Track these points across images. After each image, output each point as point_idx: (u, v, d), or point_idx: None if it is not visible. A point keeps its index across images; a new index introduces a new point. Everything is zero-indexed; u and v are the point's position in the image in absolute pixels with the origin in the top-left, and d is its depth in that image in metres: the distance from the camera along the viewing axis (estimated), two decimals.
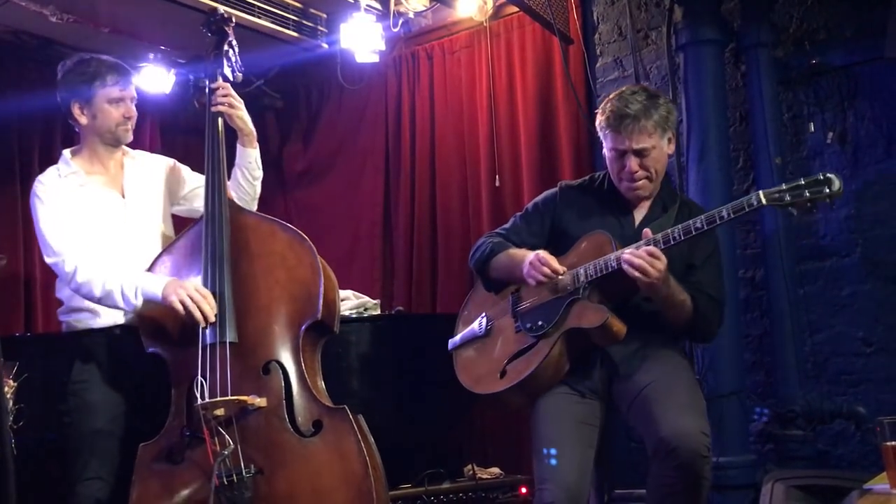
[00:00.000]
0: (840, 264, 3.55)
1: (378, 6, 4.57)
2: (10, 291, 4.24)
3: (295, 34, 4.47)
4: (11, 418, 2.44)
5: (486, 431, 4.18)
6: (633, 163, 2.47)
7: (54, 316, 4.38)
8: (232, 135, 2.88)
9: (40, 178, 2.78)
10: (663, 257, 2.27)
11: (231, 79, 2.86)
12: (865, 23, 3.49)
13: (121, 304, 2.57)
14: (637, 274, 2.27)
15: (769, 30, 3.65)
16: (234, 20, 2.92)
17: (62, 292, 2.79)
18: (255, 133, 2.88)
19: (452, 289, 4.38)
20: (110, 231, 2.75)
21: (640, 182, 2.51)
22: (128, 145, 2.91)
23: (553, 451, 2.38)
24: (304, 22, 4.51)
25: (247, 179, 2.90)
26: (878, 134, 3.49)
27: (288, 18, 4.40)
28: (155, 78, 4.48)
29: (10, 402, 2.46)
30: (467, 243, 4.40)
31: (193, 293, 2.48)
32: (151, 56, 4.57)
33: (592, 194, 2.65)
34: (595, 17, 4.23)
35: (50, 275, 4.39)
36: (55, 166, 2.82)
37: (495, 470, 3.72)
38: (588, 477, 2.39)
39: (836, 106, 3.58)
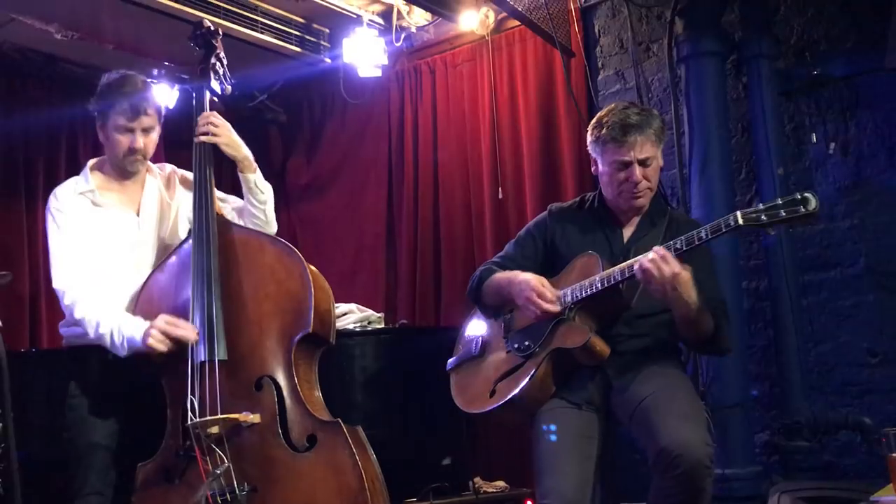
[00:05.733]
0: (844, 274, 3.55)
1: (380, 21, 4.61)
2: (15, 308, 4.25)
3: (298, 49, 4.50)
4: None
5: (491, 445, 4.17)
6: (638, 172, 2.51)
7: (59, 335, 4.42)
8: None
9: (56, 191, 2.76)
10: (674, 261, 2.26)
11: (219, 92, 2.83)
12: (866, 34, 3.51)
13: (111, 349, 2.56)
14: (646, 277, 2.27)
15: (770, 41, 3.66)
16: (221, 32, 2.87)
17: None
18: (249, 158, 2.80)
19: (456, 301, 4.38)
20: (121, 252, 2.73)
21: (643, 191, 2.54)
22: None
23: (553, 467, 2.38)
24: (307, 37, 4.54)
25: (253, 204, 2.84)
26: (879, 144, 3.50)
27: (291, 34, 4.44)
28: (159, 93, 4.49)
29: None
30: (470, 255, 4.42)
31: (165, 327, 2.47)
32: (156, 72, 4.59)
33: (583, 214, 2.69)
34: (596, 30, 4.25)
35: (54, 294, 4.43)
36: (74, 179, 2.80)
37: (500, 483, 3.71)
38: (589, 489, 2.39)
39: (837, 116, 3.59)
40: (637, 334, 2.51)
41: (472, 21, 4.36)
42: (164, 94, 4.49)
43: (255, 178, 2.82)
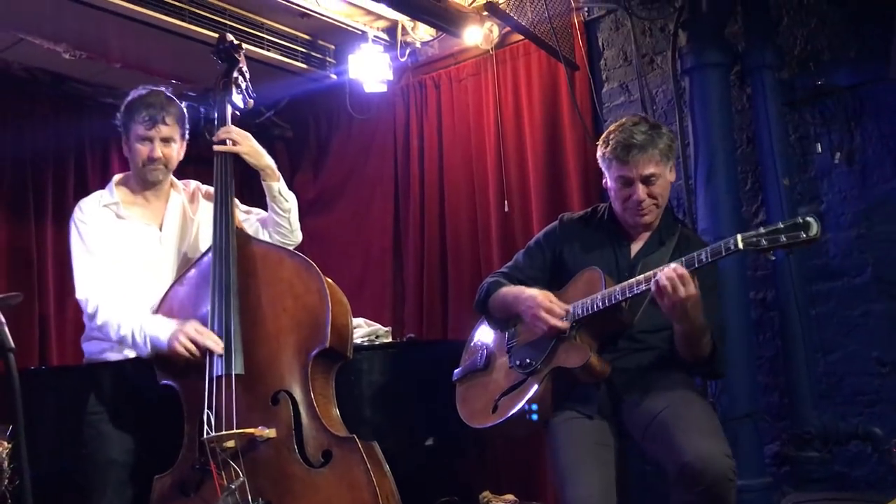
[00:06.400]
0: (851, 284, 3.54)
1: (385, 37, 4.64)
2: (24, 327, 4.26)
3: (304, 66, 4.53)
4: (7, 479, 2.46)
5: (500, 458, 4.16)
6: (640, 191, 2.50)
7: (68, 352, 4.43)
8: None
9: (81, 204, 2.82)
10: (691, 283, 2.23)
11: (241, 106, 2.87)
12: (869, 43, 3.51)
13: (132, 348, 2.63)
14: (660, 292, 2.24)
15: (773, 52, 3.67)
16: (243, 47, 2.92)
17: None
18: (271, 166, 2.85)
19: (463, 314, 4.38)
20: (143, 266, 2.77)
21: (648, 209, 2.54)
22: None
23: (575, 477, 2.37)
24: (313, 53, 4.57)
25: (277, 213, 2.88)
26: (885, 153, 3.49)
27: (297, 50, 4.47)
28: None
29: (6, 462, 2.48)
30: (477, 269, 4.43)
31: (194, 335, 2.51)
32: (163, 89, 4.63)
33: (593, 227, 2.69)
34: (600, 43, 4.27)
35: (63, 311, 4.47)
36: (99, 192, 2.86)
37: (510, 497, 3.70)
38: (613, 496, 2.37)
39: (842, 126, 3.59)
40: (643, 348, 2.50)
41: (477, 36, 4.38)
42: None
43: (278, 187, 2.86)
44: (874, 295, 3.48)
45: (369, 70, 4.45)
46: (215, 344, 2.50)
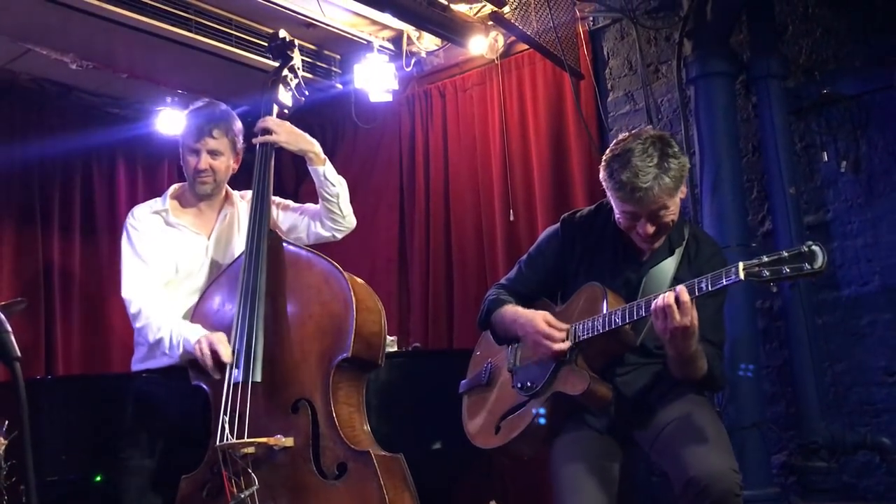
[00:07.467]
0: (858, 293, 3.53)
1: (391, 47, 4.65)
2: (31, 335, 4.27)
3: (309, 75, 4.54)
4: (5, 474, 2.48)
5: (506, 469, 4.14)
6: (647, 227, 2.34)
7: (74, 360, 4.44)
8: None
9: (134, 210, 2.88)
10: (690, 313, 2.14)
11: (289, 104, 2.87)
12: (875, 52, 3.51)
13: (168, 351, 2.65)
14: (656, 315, 2.18)
15: (779, 61, 3.67)
16: (296, 44, 2.92)
17: None
18: (314, 150, 2.85)
19: (469, 324, 4.36)
20: (187, 273, 2.80)
21: (656, 238, 2.40)
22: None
23: (573, 491, 2.33)
24: (319, 63, 4.59)
25: (325, 199, 2.89)
26: (891, 161, 3.49)
27: (303, 60, 4.46)
28: (172, 121, 4.55)
29: (2, 460, 2.50)
30: (483, 278, 4.42)
31: (214, 341, 2.53)
32: (168, 99, 4.66)
33: (597, 231, 2.53)
34: (605, 53, 4.27)
35: (69, 320, 4.47)
36: (154, 199, 2.92)
37: None
38: None
39: (848, 135, 3.58)
40: (655, 362, 2.44)
41: (482, 46, 4.39)
42: (177, 122, 4.56)
43: (324, 171, 2.87)
44: (881, 304, 3.47)
45: (374, 80, 4.46)
46: (225, 353, 2.52)
